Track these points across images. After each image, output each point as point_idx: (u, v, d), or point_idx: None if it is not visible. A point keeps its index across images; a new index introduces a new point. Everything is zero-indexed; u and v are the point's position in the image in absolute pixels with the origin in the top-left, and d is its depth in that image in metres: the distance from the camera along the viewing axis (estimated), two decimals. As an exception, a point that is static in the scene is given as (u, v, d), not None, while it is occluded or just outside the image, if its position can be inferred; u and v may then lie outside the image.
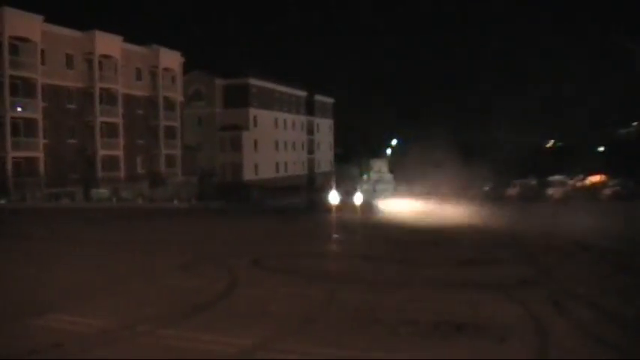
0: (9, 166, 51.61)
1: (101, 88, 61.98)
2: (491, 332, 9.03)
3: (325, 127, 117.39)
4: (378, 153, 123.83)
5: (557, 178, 55.21)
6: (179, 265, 15.49)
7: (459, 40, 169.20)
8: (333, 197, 33.92)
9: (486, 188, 52.59)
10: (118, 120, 64.20)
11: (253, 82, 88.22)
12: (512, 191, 51.83)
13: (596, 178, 59.91)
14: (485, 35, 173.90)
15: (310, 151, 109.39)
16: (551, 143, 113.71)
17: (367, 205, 37.31)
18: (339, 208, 32.75)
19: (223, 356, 8.20)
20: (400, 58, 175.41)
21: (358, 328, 9.38)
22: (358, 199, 35.44)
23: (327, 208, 34.19)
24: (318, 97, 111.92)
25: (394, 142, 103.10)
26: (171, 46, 74.38)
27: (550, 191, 49.77)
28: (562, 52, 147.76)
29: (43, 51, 55.47)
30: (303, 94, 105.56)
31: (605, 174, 60.67)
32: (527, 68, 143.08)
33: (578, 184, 58.93)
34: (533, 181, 55.70)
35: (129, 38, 65.72)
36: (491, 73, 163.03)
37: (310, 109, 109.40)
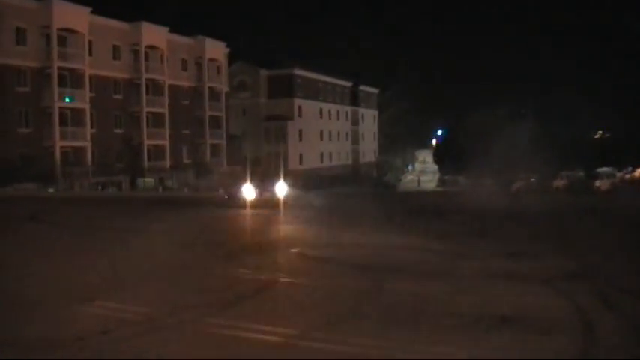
0: (57, 155, 52.69)
1: (147, 79, 62.88)
2: (536, 325, 8.95)
3: (370, 118, 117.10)
4: (424, 144, 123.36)
5: (604, 170, 54.23)
6: (223, 255, 15.61)
7: (504, 30, 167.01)
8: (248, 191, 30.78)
9: (532, 180, 51.97)
10: (164, 110, 65.07)
11: (298, 72, 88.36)
12: (558, 183, 51.18)
13: (645, 171, 58.91)
14: (531, 24, 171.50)
15: (355, 142, 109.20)
16: (599, 134, 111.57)
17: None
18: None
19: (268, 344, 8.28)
20: (447, 48, 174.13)
21: (401, 319, 9.37)
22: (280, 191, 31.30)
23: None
24: (363, 87, 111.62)
25: (440, 132, 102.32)
26: (217, 36, 75.02)
27: (597, 183, 48.97)
28: (610, 39, 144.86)
29: (90, 42, 56.47)
30: (347, 84, 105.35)
31: (655, 166, 59.60)
32: (574, 57, 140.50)
33: (627, 176, 57.97)
34: (581, 173, 54.87)
35: (174, 29, 66.59)
36: (539, 62, 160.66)
37: (355, 99, 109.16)
